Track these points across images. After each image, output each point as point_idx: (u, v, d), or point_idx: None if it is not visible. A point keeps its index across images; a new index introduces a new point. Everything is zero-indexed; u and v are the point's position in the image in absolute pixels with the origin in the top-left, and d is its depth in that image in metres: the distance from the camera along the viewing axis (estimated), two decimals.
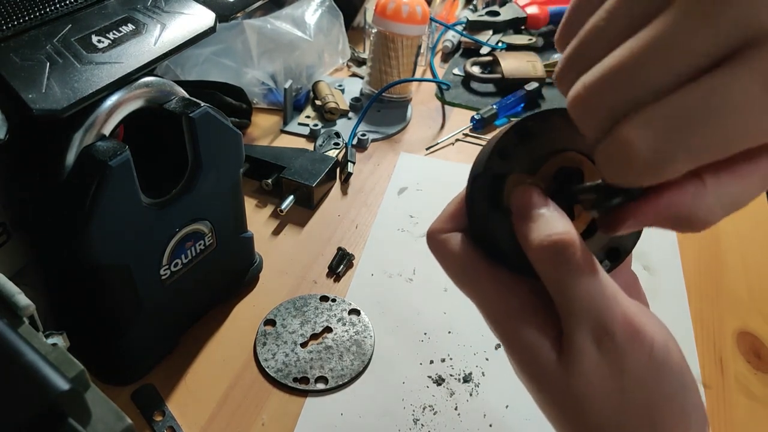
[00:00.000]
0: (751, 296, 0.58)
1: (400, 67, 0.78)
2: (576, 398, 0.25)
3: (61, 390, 0.19)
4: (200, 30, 0.41)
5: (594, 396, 0.24)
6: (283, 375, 0.48)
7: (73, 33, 0.36)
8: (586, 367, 0.24)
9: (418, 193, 0.68)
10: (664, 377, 0.24)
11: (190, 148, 0.42)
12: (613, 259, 0.27)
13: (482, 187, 0.26)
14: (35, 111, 0.32)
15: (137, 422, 0.45)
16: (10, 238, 0.40)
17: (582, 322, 0.24)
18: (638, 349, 0.24)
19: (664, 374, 0.24)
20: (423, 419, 0.46)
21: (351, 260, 0.59)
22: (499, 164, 0.26)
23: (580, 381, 0.24)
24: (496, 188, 0.26)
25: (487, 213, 0.26)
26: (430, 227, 0.29)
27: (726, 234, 0.65)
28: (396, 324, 0.53)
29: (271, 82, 0.77)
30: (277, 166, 0.65)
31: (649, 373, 0.24)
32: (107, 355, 0.46)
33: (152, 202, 0.41)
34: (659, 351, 0.24)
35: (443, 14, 1.00)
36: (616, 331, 0.24)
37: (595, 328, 0.24)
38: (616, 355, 0.24)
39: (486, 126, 0.78)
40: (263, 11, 0.79)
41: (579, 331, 0.24)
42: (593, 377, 0.24)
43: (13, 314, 0.25)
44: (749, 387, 0.50)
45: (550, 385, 0.25)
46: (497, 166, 0.26)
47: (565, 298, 0.24)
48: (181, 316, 0.50)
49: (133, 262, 0.41)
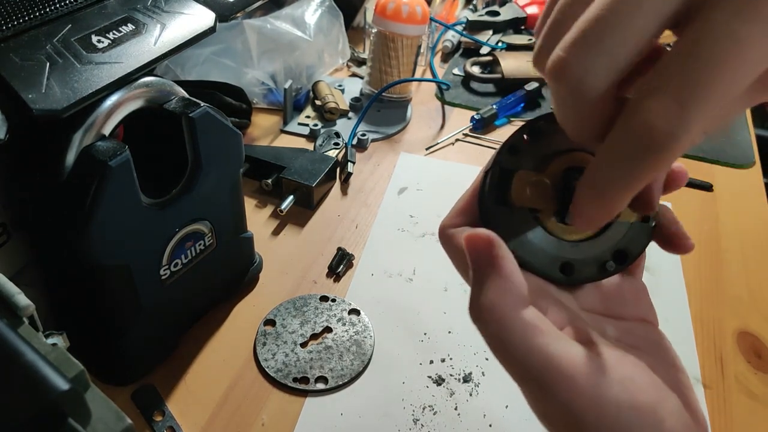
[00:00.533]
0: (751, 296, 0.58)
1: (400, 67, 0.78)
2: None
3: (61, 390, 0.19)
4: (200, 30, 0.41)
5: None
6: (283, 375, 0.48)
7: (73, 33, 0.36)
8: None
9: (418, 193, 0.68)
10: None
11: (190, 148, 0.42)
12: (619, 262, 0.27)
13: (491, 181, 0.26)
14: (35, 111, 0.32)
15: (137, 422, 0.45)
16: (10, 238, 0.40)
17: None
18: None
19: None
20: (423, 419, 0.46)
21: (351, 260, 0.59)
22: (509, 160, 0.26)
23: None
24: (504, 183, 0.26)
25: (494, 207, 0.26)
26: (441, 222, 0.29)
27: (726, 234, 0.65)
28: (396, 324, 0.53)
29: (271, 82, 0.77)
30: (277, 166, 0.65)
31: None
32: (107, 355, 0.46)
33: (152, 202, 0.41)
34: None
35: (443, 14, 1.00)
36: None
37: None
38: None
39: (486, 126, 0.78)
40: (263, 11, 0.79)
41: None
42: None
43: (13, 314, 0.25)
44: (749, 387, 0.50)
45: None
46: (506, 161, 0.26)
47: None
48: (181, 316, 0.50)
49: (133, 262, 0.41)
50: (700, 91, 0.18)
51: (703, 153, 0.76)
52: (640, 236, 0.27)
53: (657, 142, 0.18)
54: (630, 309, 0.29)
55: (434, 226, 0.64)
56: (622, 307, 0.28)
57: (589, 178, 0.21)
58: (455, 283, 0.57)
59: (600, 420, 0.22)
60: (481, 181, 0.28)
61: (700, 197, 0.70)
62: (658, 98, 0.18)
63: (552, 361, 0.22)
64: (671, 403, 0.24)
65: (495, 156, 0.27)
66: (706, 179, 0.71)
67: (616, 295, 0.28)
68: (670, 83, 0.18)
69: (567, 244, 0.27)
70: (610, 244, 0.27)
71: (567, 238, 0.27)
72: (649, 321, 0.29)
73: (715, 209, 0.68)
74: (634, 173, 0.19)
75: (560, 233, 0.27)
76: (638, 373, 0.24)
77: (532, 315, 0.23)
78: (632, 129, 0.19)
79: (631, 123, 0.19)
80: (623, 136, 0.19)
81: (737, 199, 0.70)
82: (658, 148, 0.18)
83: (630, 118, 0.19)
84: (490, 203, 0.26)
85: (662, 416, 0.23)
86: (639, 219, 0.27)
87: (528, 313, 0.23)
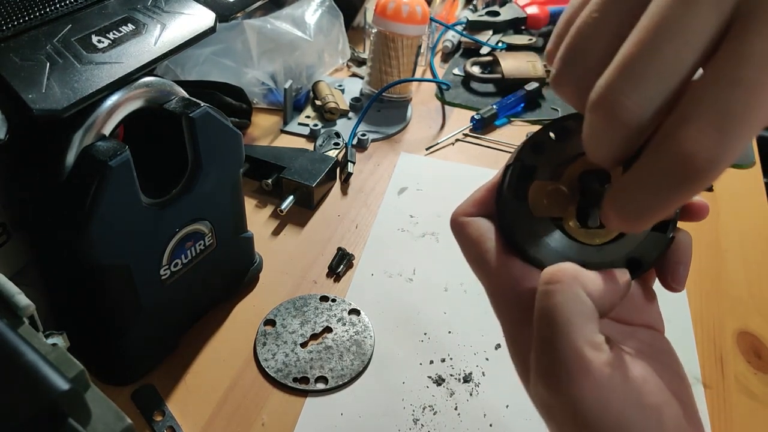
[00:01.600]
0: (751, 296, 0.58)
1: (400, 67, 0.78)
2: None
3: (61, 390, 0.19)
4: (200, 30, 0.41)
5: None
6: (283, 375, 0.48)
7: (73, 33, 0.36)
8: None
9: (418, 193, 0.68)
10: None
11: (190, 148, 0.42)
12: (633, 269, 0.27)
13: (511, 178, 0.27)
14: (35, 111, 0.32)
15: (137, 422, 0.45)
16: (10, 238, 0.40)
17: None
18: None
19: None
20: (423, 419, 0.46)
21: (351, 260, 0.59)
22: (531, 157, 0.26)
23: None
24: (523, 180, 0.26)
25: (510, 203, 0.27)
26: (455, 210, 0.29)
27: (726, 234, 0.65)
28: (396, 324, 0.53)
29: (271, 82, 0.77)
30: (277, 166, 0.65)
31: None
32: (107, 355, 0.46)
33: (152, 202, 0.41)
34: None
35: (443, 14, 1.00)
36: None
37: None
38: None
39: (486, 126, 0.78)
40: (263, 11, 0.79)
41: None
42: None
43: (13, 314, 0.25)
44: (749, 387, 0.50)
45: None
46: (528, 158, 0.26)
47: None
48: (181, 316, 0.50)
49: (133, 262, 0.41)
50: (741, 117, 0.17)
51: None
52: (656, 246, 0.27)
53: (695, 169, 0.18)
54: (639, 315, 0.29)
55: (434, 226, 0.64)
56: (631, 313, 0.29)
57: (618, 200, 0.21)
58: (455, 283, 0.57)
59: (604, 412, 0.22)
60: (501, 176, 0.28)
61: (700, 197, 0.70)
62: (696, 125, 0.18)
63: (576, 345, 0.23)
64: (673, 409, 0.24)
65: (518, 152, 0.27)
66: None
67: (626, 301, 0.28)
68: (709, 109, 0.17)
69: (583, 248, 0.27)
70: (625, 251, 0.27)
71: (585, 241, 0.27)
72: (656, 329, 0.29)
73: (715, 209, 0.68)
74: (668, 199, 0.19)
75: (578, 236, 0.27)
76: (649, 374, 0.24)
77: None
78: (669, 156, 0.18)
79: (667, 150, 0.18)
80: (658, 163, 0.19)
81: (737, 199, 0.70)
82: (695, 176, 0.18)
83: (666, 145, 0.18)
84: (509, 198, 0.27)
85: (664, 419, 0.23)
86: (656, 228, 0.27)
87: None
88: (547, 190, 0.27)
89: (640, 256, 0.27)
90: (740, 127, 0.17)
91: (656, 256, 0.27)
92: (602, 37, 0.19)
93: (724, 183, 0.72)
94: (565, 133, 0.26)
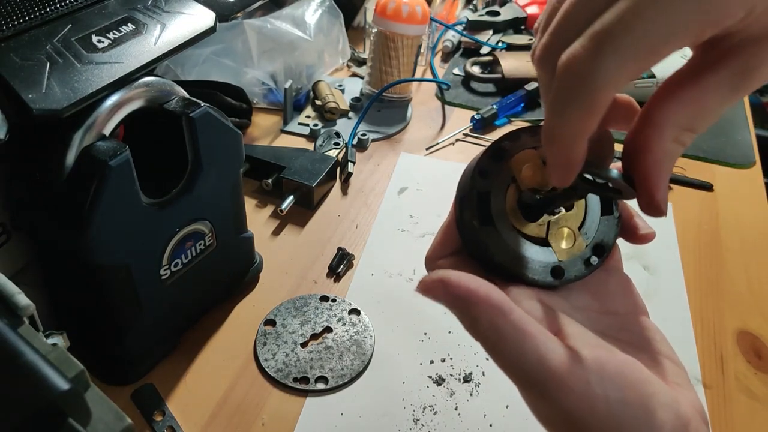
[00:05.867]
0: (752, 296, 0.58)
1: (400, 67, 0.78)
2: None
3: (61, 390, 0.19)
4: (200, 30, 0.41)
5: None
6: (283, 375, 0.48)
7: (73, 33, 0.36)
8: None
9: (418, 193, 0.68)
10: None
11: (190, 148, 0.42)
12: (599, 254, 0.29)
13: (470, 205, 0.28)
14: (35, 111, 0.32)
15: (137, 422, 0.45)
16: (10, 238, 0.40)
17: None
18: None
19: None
20: (423, 419, 0.46)
21: (351, 260, 0.59)
22: (481, 183, 0.28)
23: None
24: (483, 205, 0.28)
25: (478, 229, 0.28)
26: (426, 254, 0.31)
27: (726, 234, 0.65)
28: (396, 324, 0.53)
29: (271, 82, 0.77)
30: (277, 166, 0.65)
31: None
32: (107, 355, 0.46)
33: (152, 202, 0.41)
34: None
35: (443, 14, 1.00)
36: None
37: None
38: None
39: (486, 126, 0.78)
40: (263, 11, 0.79)
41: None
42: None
43: (13, 314, 0.25)
44: (749, 387, 0.50)
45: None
46: (480, 185, 0.28)
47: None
48: (181, 316, 0.50)
49: (133, 262, 0.41)
50: (614, 32, 0.19)
51: (703, 153, 0.76)
52: (610, 228, 0.29)
53: (574, 74, 0.20)
54: (620, 302, 0.29)
55: (434, 226, 0.64)
56: (612, 301, 0.29)
57: (545, 133, 0.23)
58: None
59: (593, 416, 0.23)
60: (458, 208, 0.29)
61: (700, 197, 0.70)
62: (579, 41, 0.20)
63: (543, 363, 0.23)
64: (663, 396, 0.24)
65: (468, 181, 0.28)
66: (706, 179, 0.71)
67: (603, 290, 0.29)
68: (590, 30, 0.20)
69: (553, 250, 0.28)
70: (588, 242, 0.29)
71: (553, 243, 0.29)
72: (641, 312, 0.30)
73: (715, 209, 0.68)
74: (570, 115, 0.21)
75: (546, 238, 0.29)
76: (628, 368, 0.24)
77: (521, 319, 0.24)
78: (558, 74, 0.21)
79: (558, 70, 0.21)
80: (555, 85, 0.21)
81: (737, 199, 0.70)
82: (580, 83, 0.20)
83: (558, 67, 0.21)
84: (475, 225, 0.28)
85: (653, 409, 0.24)
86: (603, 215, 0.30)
87: (517, 317, 0.24)
88: (531, 160, 0.28)
89: (601, 240, 0.29)
90: (612, 40, 0.19)
91: (614, 235, 0.29)
92: (587, 17, 0.21)
93: (725, 183, 0.72)
94: (503, 153, 0.29)
